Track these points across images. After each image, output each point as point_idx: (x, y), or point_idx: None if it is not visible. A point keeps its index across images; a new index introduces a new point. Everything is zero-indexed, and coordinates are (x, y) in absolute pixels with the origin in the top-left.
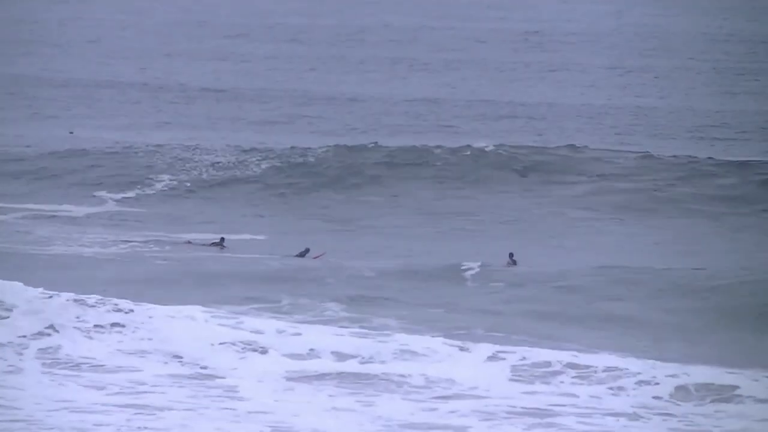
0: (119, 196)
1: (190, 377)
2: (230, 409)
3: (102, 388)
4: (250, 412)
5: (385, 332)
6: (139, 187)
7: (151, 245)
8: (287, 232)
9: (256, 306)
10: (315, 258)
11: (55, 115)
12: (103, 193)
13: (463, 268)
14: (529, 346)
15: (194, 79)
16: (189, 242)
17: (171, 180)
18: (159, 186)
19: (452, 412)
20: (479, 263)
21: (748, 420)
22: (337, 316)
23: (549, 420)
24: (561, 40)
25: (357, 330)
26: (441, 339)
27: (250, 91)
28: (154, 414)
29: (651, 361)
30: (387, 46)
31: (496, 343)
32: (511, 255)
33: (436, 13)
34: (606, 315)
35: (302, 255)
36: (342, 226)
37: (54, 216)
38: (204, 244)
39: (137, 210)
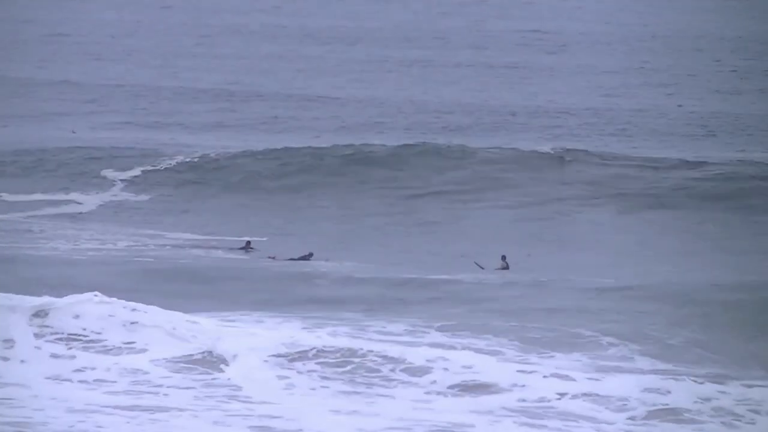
0: (127, 174)
1: (194, 365)
2: (234, 408)
3: (101, 388)
4: (249, 408)
5: (386, 326)
6: (150, 165)
7: (151, 245)
8: (289, 234)
9: (258, 305)
10: (325, 261)
11: (56, 115)
12: (110, 171)
13: (458, 269)
14: (525, 339)
15: (197, 79)
16: (216, 247)
17: (173, 174)
18: (164, 175)
19: (453, 409)
20: (475, 262)
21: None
22: (339, 316)
23: (548, 415)
24: (568, 40)
25: (358, 325)
26: (442, 332)
27: (254, 91)
28: (154, 413)
29: (652, 359)
30: (389, 46)
31: (490, 335)
32: (503, 257)
33: (442, 14)
34: (603, 310)
35: (305, 259)
36: (344, 227)
37: (58, 212)
38: (231, 248)
39: (143, 198)
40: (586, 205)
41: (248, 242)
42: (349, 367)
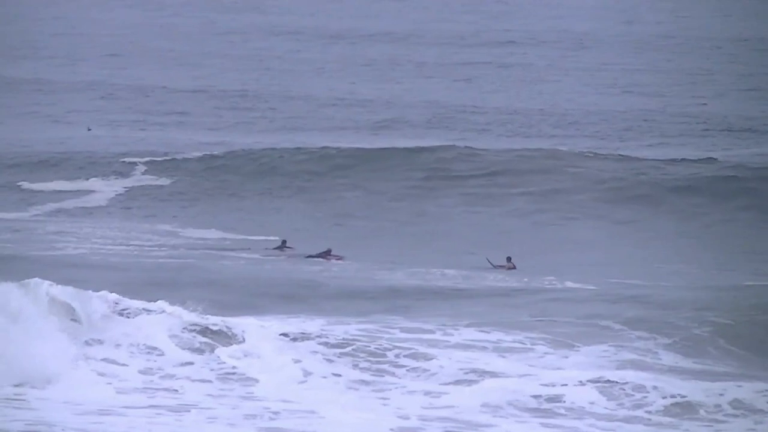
0: (146, 158)
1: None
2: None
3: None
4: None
5: (411, 324)
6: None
7: (166, 246)
8: (299, 229)
9: (275, 305)
10: (337, 260)
11: (71, 113)
12: (129, 158)
13: (471, 267)
14: (524, 331)
15: (213, 77)
16: (249, 248)
17: (189, 167)
18: (182, 169)
19: (463, 406)
20: (486, 258)
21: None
22: (350, 317)
23: (560, 408)
24: (582, 40)
25: (365, 321)
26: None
27: (270, 91)
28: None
29: (676, 353)
30: (403, 46)
31: (518, 330)
32: (509, 258)
33: (457, 13)
34: (626, 306)
35: (323, 256)
36: (359, 225)
37: (77, 205)
38: (267, 248)
39: (163, 183)
40: (598, 203)
41: (284, 241)
42: (376, 362)
